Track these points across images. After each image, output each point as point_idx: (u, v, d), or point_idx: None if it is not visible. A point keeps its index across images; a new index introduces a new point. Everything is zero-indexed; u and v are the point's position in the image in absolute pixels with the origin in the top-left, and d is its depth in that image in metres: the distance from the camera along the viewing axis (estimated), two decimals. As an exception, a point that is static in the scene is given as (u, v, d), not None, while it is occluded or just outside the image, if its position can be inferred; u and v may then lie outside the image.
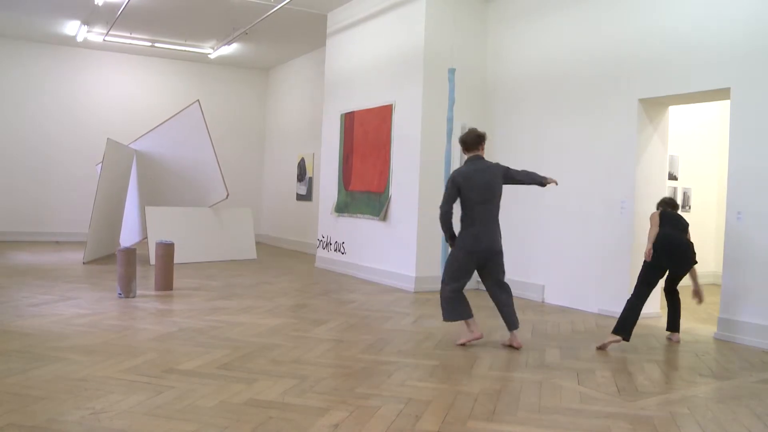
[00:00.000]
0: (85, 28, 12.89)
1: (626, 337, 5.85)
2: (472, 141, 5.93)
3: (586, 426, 3.82)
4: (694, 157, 10.70)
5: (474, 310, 7.69)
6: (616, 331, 5.86)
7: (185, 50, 14.47)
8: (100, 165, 11.24)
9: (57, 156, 14.56)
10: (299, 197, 14.77)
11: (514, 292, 8.92)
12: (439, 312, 7.49)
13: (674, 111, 8.71)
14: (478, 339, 5.84)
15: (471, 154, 5.95)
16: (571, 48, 8.32)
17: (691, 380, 4.96)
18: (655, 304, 7.69)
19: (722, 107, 10.40)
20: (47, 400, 3.89)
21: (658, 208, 6.47)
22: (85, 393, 4.06)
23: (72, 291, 7.93)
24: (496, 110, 9.49)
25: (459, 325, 6.82)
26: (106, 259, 11.23)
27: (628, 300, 5.96)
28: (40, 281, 8.56)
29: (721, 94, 6.83)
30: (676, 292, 6.52)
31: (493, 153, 9.48)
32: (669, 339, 6.45)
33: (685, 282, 6.43)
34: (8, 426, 3.47)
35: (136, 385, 4.25)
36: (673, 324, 6.47)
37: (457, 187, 5.79)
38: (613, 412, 4.10)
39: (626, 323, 5.85)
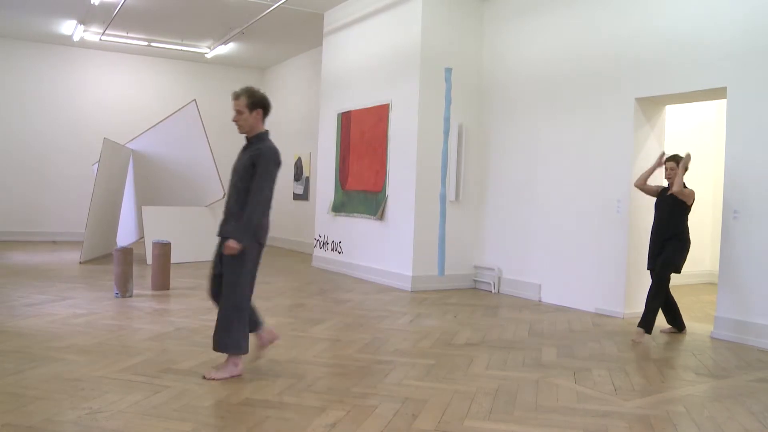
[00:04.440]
0: (81, 27, 12.86)
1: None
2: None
3: (583, 425, 3.82)
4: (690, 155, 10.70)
5: (471, 309, 7.72)
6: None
7: (182, 50, 14.45)
8: (96, 165, 11.22)
9: (53, 155, 14.52)
10: (296, 197, 14.76)
11: (511, 290, 8.99)
12: (435, 311, 7.51)
13: (670, 110, 8.72)
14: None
15: (263, 129, 4.81)
16: (567, 47, 8.32)
17: (688, 379, 4.96)
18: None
19: (718, 106, 10.41)
20: (43, 400, 3.89)
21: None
22: (82, 393, 4.05)
23: (68, 291, 7.91)
24: (492, 109, 9.49)
25: (452, 323, 6.81)
26: (103, 258, 11.21)
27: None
28: (36, 281, 8.55)
29: (718, 93, 6.84)
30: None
31: (488, 152, 9.49)
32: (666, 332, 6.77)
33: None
34: (4, 426, 3.46)
35: (132, 385, 4.25)
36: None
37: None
38: (610, 410, 4.10)
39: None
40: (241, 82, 17.19)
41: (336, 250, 10.98)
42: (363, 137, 10.35)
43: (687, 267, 10.45)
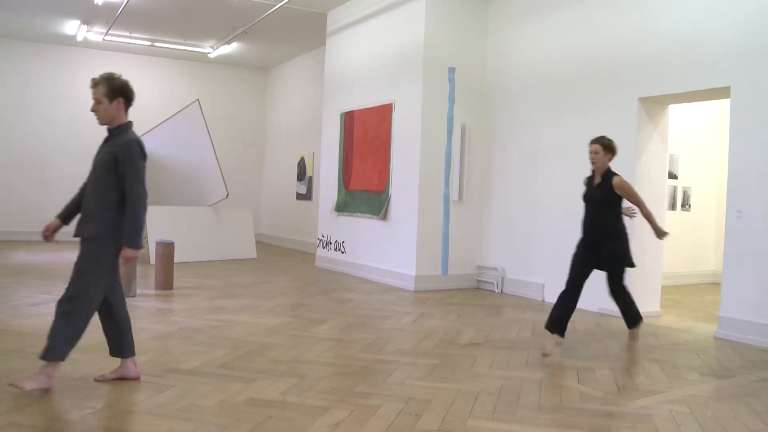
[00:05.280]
0: (84, 27, 12.88)
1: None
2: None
3: (587, 425, 3.82)
4: (694, 155, 10.70)
5: (474, 309, 7.71)
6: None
7: (185, 50, 14.46)
8: (99, 164, 11.22)
9: (56, 155, 14.53)
10: (299, 196, 14.77)
11: (515, 290, 8.97)
12: (438, 311, 7.51)
13: (674, 109, 8.71)
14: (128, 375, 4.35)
15: (126, 119, 4.36)
16: (570, 47, 8.31)
17: (691, 379, 4.95)
18: (656, 303, 7.70)
19: (722, 105, 10.40)
20: (47, 400, 3.89)
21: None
22: (86, 392, 4.06)
23: (72, 290, 7.91)
24: (495, 109, 9.48)
25: (455, 323, 6.79)
26: (106, 258, 11.20)
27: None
28: (39, 280, 8.56)
29: (721, 92, 6.83)
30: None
31: (493, 151, 9.49)
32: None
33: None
34: (9, 425, 3.47)
35: (136, 385, 4.25)
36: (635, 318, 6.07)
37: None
38: (613, 410, 4.10)
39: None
40: (244, 82, 17.28)
41: (339, 249, 10.98)
42: (366, 137, 10.35)
43: (690, 267, 10.57)
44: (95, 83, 4.23)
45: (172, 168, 12.37)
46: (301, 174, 14.68)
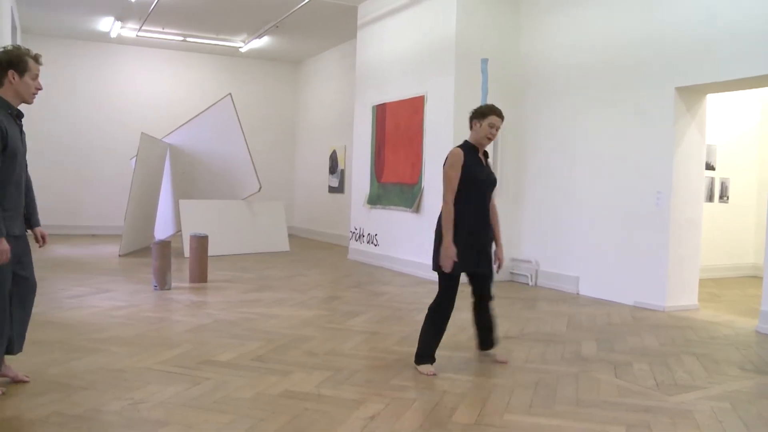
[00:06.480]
0: (118, 24, 13.05)
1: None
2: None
3: (625, 420, 3.76)
4: (732, 146, 10.46)
5: (508, 302, 7.64)
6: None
7: (217, 44, 14.57)
8: (134, 159, 11.39)
9: (92, 151, 14.76)
10: (331, 189, 14.81)
11: (549, 283, 8.88)
12: (472, 304, 7.45)
13: (711, 98, 8.51)
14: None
15: None
16: (605, 36, 8.17)
17: (733, 374, 4.85)
18: (693, 296, 7.55)
19: (762, 93, 10.15)
20: (89, 390, 3.96)
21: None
22: (125, 384, 4.12)
23: (108, 283, 8.05)
24: (529, 100, 9.37)
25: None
26: (142, 251, 11.39)
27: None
28: (77, 274, 8.71)
29: (762, 81, 6.65)
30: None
31: (525, 144, 9.39)
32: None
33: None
34: (53, 414, 3.54)
35: (173, 377, 4.30)
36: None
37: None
38: (653, 405, 4.02)
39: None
40: (275, 76, 17.37)
41: (372, 242, 10.98)
42: (398, 129, 10.32)
43: (729, 259, 10.35)
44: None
45: (205, 162, 12.49)
46: (333, 167, 14.71)
